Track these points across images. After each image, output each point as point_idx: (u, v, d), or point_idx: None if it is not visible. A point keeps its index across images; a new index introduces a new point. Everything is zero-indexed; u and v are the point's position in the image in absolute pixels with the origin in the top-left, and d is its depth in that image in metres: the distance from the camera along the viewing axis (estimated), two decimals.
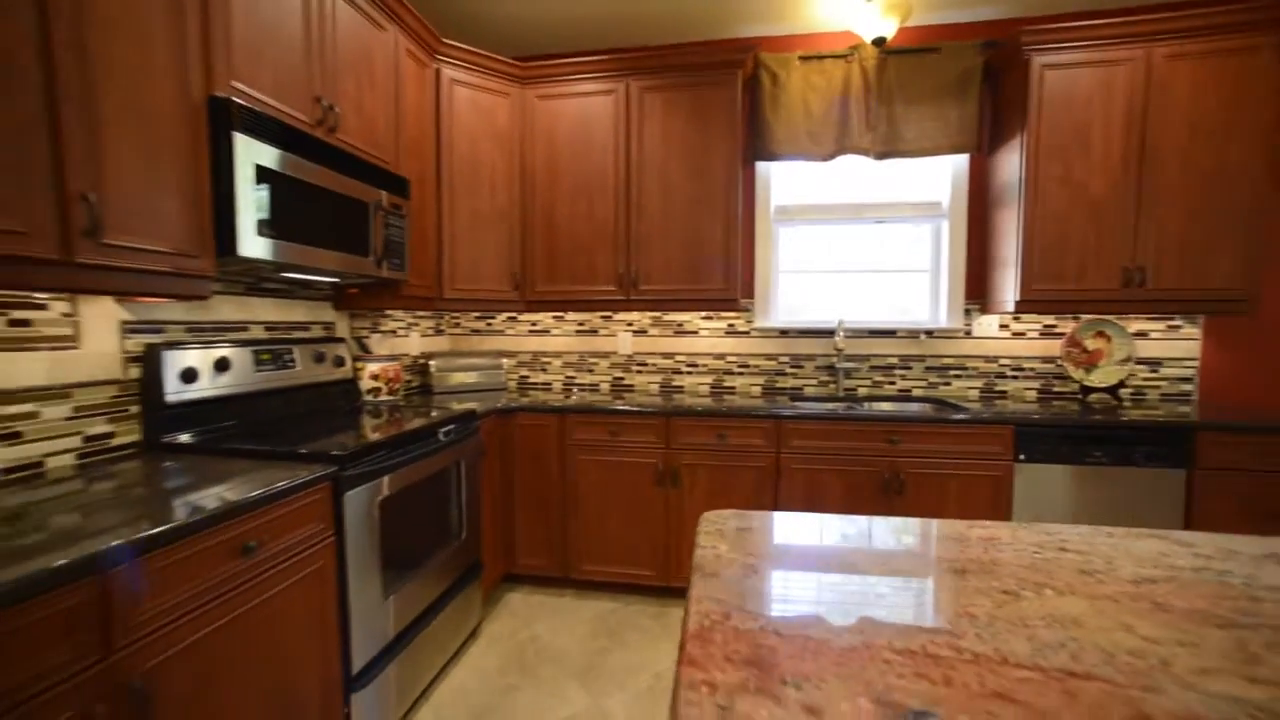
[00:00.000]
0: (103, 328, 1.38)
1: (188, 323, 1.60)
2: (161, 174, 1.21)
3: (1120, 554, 0.82)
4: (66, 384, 1.31)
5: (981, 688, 0.52)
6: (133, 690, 0.88)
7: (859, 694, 0.51)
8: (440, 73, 2.40)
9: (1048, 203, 2.29)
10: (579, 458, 2.41)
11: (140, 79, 1.17)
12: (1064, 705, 0.49)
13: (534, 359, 3.09)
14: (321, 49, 1.69)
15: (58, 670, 0.79)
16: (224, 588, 1.05)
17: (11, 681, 0.74)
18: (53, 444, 1.28)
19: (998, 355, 2.64)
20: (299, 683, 1.24)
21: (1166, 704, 0.49)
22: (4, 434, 1.19)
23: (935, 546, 0.86)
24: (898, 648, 0.58)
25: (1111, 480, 2.05)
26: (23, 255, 0.98)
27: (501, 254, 2.65)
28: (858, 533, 0.91)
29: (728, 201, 2.51)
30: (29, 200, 0.99)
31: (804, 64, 2.60)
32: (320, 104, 1.67)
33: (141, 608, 0.90)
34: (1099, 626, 0.62)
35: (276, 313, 1.93)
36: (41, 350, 1.26)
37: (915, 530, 0.93)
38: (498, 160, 2.60)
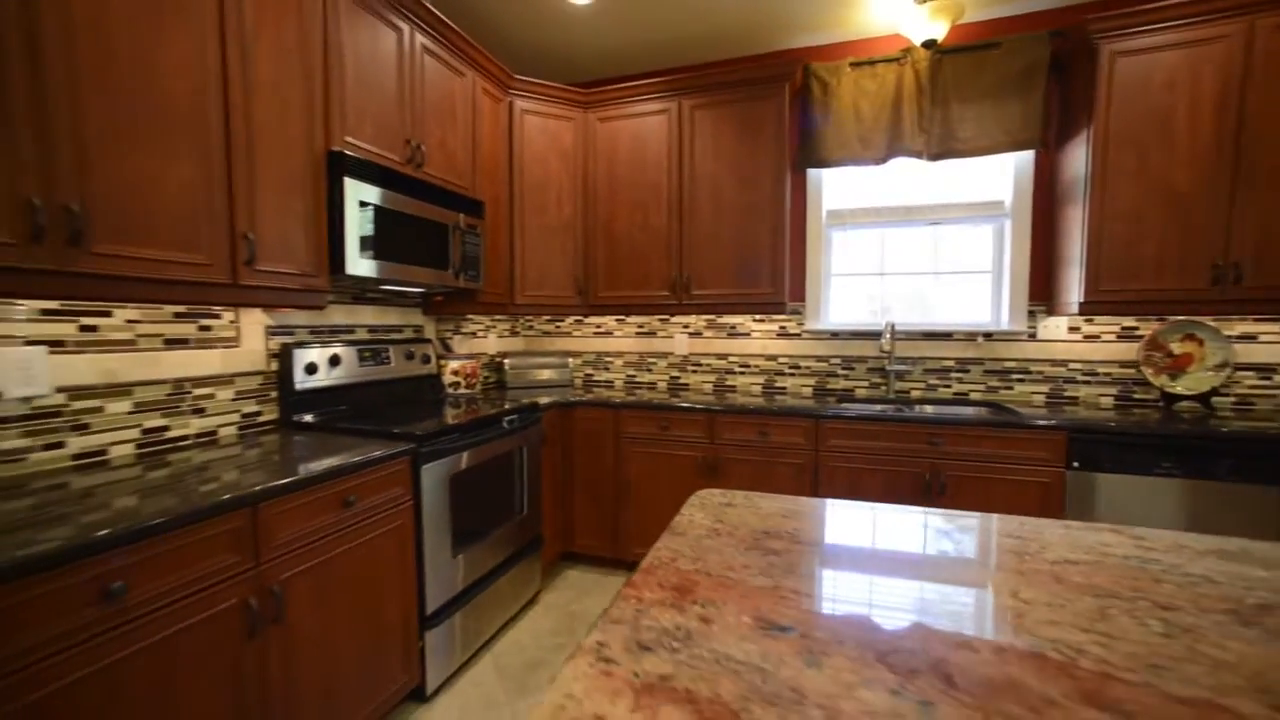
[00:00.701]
0: (254, 331, 1.80)
1: (311, 326, 2.02)
2: (293, 214, 1.58)
3: (1061, 541, 0.89)
4: (232, 373, 1.73)
5: (834, 617, 0.66)
6: (273, 592, 1.22)
7: (745, 613, 0.67)
8: (513, 104, 2.72)
9: (1118, 197, 2.17)
10: (631, 449, 2.63)
11: (282, 142, 1.55)
12: (896, 638, 0.63)
13: (598, 358, 3.35)
14: (411, 99, 2.04)
15: (227, 569, 1.13)
16: (331, 529, 1.38)
17: (200, 573, 1.08)
18: (223, 418, 1.71)
19: (1066, 359, 2.52)
20: (385, 612, 1.56)
21: (991, 639, 0.61)
22: (196, 409, 1.63)
23: (877, 531, 0.98)
24: (791, 588, 0.74)
25: (1186, 493, 1.92)
26: (207, 281, 1.36)
27: (566, 263, 2.94)
28: (817, 511, 1.04)
29: (775, 209, 2.61)
30: (212, 240, 1.37)
31: (855, 70, 2.64)
32: (409, 145, 2.03)
33: (277, 536, 1.24)
34: (991, 591, 0.73)
35: (376, 317, 2.34)
36: (217, 348, 1.69)
37: (863, 511, 1.04)
38: (563, 178, 2.89)
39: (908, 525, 0.98)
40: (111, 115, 1.18)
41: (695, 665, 0.57)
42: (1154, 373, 2.34)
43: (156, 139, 1.26)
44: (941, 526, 0.97)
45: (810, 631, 0.63)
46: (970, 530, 0.95)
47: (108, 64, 1.17)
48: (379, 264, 1.82)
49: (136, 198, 1.22)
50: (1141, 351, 2.36)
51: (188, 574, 1.07)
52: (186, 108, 1.31)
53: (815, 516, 1.02)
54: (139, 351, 1.50)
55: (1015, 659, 0.58)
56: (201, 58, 1.34)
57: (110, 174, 1.18)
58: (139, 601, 1.00)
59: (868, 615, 0.67)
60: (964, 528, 0.96)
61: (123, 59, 1.20)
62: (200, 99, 1.34)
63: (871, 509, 1.06)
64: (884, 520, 1.00)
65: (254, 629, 1.19)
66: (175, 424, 1.58)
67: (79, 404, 1.39)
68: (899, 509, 1.06)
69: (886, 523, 0.99)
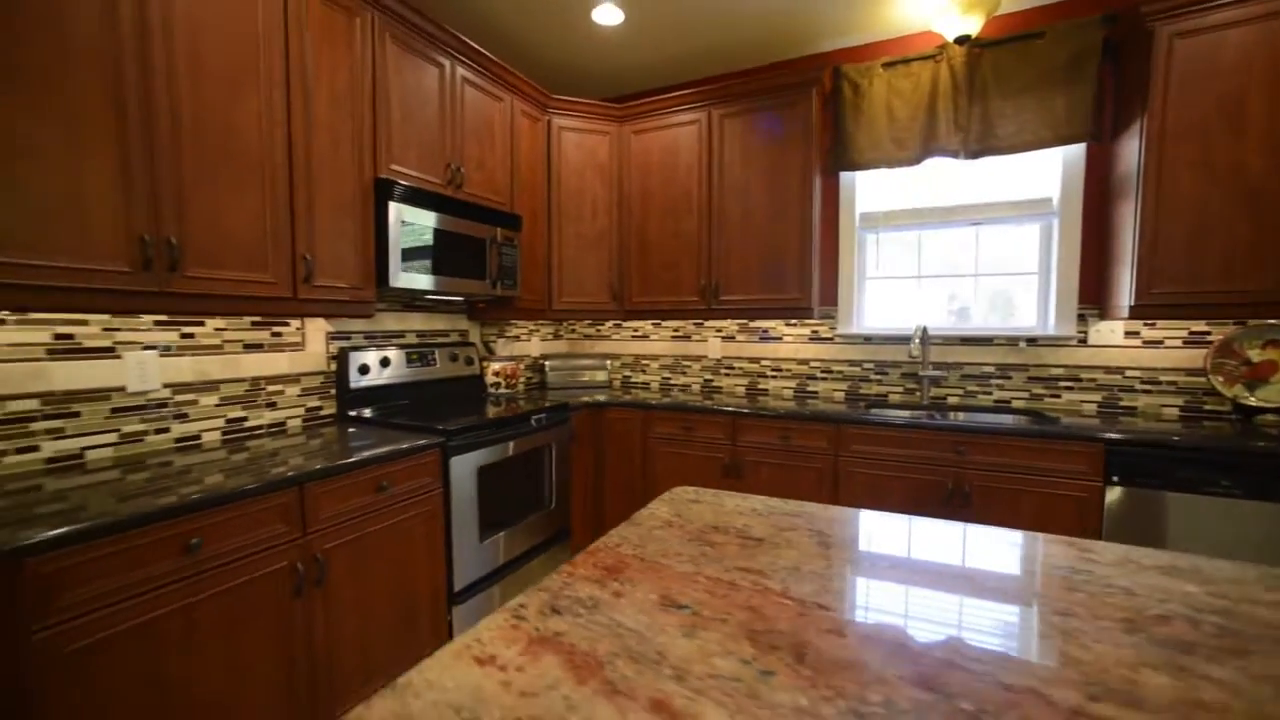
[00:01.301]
0: (317, 336, 2.08)
1: (365, 332, 2.29)
2: (344, 235, 1.83)
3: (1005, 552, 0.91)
4: (298, 373, 2.02)
5: (733, 601, 0.74)
6: (316, 559, 1.44)
7: (654, 591, 0.77)
8: (551, 122, 2.91)
9: (1178, 192, 2.01)
10: (658, 449, 2.73)
11: (335, 174, 1.80)
12: (774, 621, 0.70)
13: (635, 361, 3.48)
14: (452, 126, 2.26)
15: (279, 536, 1.36)
16: (367, 509, 1.60)
17: (257, 538, 1.32)
18: (290, 411, 2.00)
19: (1123, 366, 2.34)
20: (416, 586, 1.77)
21: (860, 623, 0.67)
22: (269, 404, 1.92)
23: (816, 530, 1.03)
24: (709, 575, 0.82)
25: (1250, 516, 1.75)
26: (273, 296, 1.62)
27: (602, 270, 3.09)
28: (773, 511, 1.11)
29: (802, 214, 2.62)
30: (277, 262, 1.63)
31: (888, 70, 2.60)
32: (450, 168, 2.25)
33: (320, 512, 1.46)
34: (880, 585, 0.78)
35: (424, 323, 2.59)
36: (286, 352, 1.98)
37: (814, 510, 1.09)
38: (599, 190, 3.04)
39: (847, 523, 1.02)
40: (200, 164, 1.45)
41: (589, 628, 0.67)
42: (1226, 382, 2.14)
43: (233, 180, 1.52)
44: (881, 525, 1.01)
45: (702, 611, 0.72)
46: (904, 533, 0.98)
47: (200, 125, 1.44)
48: (420, 277, 2.05)
49: (218, 229, 1.49)
50: (1211, 359, 2.16)
51: (248, 537, 1.31)
52: (257, 152, 1.57)
53: (767, 516, 1.08)
54: (225, 355, 1.80)
55: (875, 644, 0.64)
56: (269, 110, 1.60)
57: (198, 212, 1.45)
58: (210, 555, 1.24)
59: (762, 602, 0.74)
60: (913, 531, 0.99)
61: (211, 119, 1.46)
62: (268, 144, 1.60)
63: (821, 510, 1.11)
64: (824, 518, 1.05)
65: (300, 589, 1.41)
66: (252, 415, 1.88)
67: (180, 397, 1.70)
68: (844, 511, 1.10)
69: (826, 521, 1.04)
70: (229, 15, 1.50)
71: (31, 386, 1.40)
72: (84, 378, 1.49)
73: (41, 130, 1.18)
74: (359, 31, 1.86)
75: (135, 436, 1.60)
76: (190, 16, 1.42)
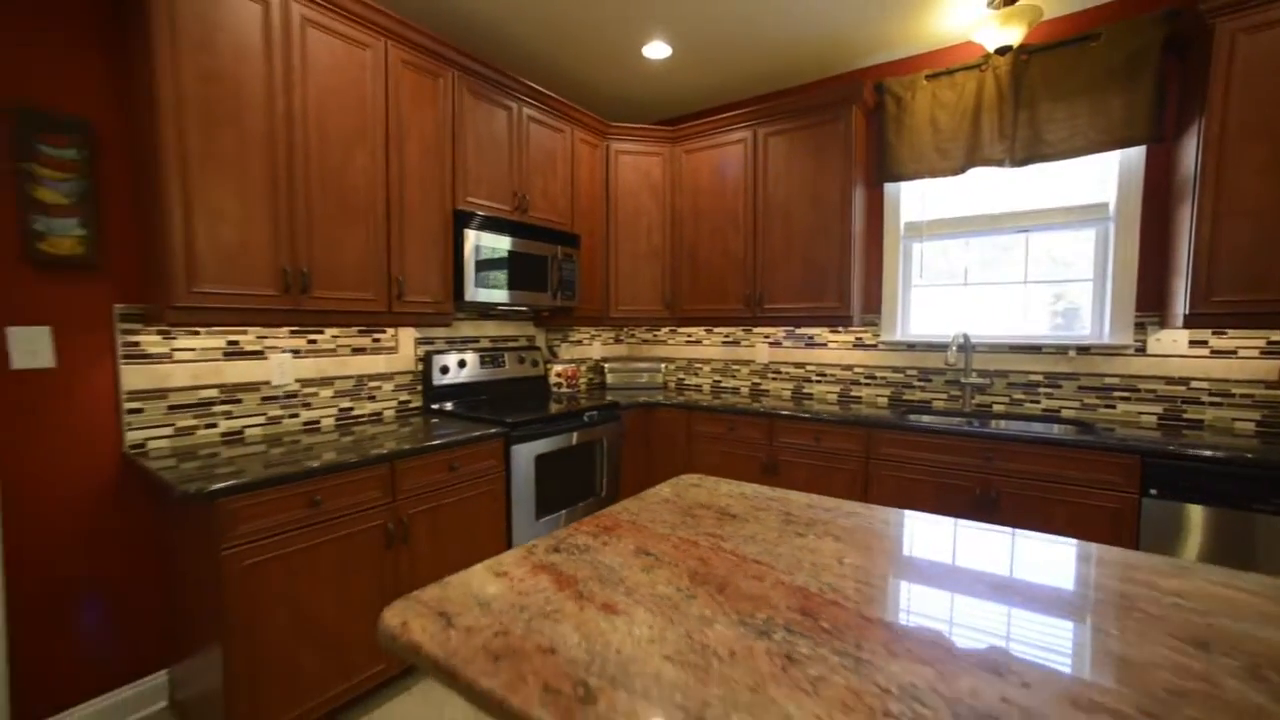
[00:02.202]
0: (408, 341, 2.51)
1: (446, 337, 2.70)
2: (429, 259, 2.22)
3: (924, 530, 1.06)
4: (393, 372, 2.45)
5: (690, 554, 0.96)
6: (402, 521, 1.81)
7: (633, 544, 1.01)
8: (609, 147, 3.20)
9: (1241, 195, 1.93)
10: (702, 447, 2.94)
11: (422, 208, 2.19)
12: (714, 567, 0.92)
13: (689, 365, 3.70)
14: (519, 159, 2.62)
15: (375, 500, 1.74)
16: (442, 485, 1.95)
17: (359, 500, 1.70)
18: (386, 403, 2.43)
19: (1188, 377, 2.24)
20: (480, 552, 2.12)
21: (785, 575, 0.87)
22: (370, 396, 2.36)
23: (783, 511, 1.21)
24: (680, 536, 1.05)
25: None
26: (375, 310, 2.03)
27: (655, 280, 3.34)
28: (755, 495, 1.30)
29: (841, 226, 2.73)
30: (377, 282, 2.04)
31: (931, 81, 2.64)
32: (516, 196, 2.60)
33: (405, 484, 1.83)
34: (830, 553, 0.97)
35: (496, 330, 2.98)
36: (383, 354, 2.41)
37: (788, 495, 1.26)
38: (653, 207, 3.30)
39: (814, 507, 1.20)
40: (323, 211, 1.87)
41: (576, 562, 0.93)
42: None
43: (346, 220, 1.94)
44: (829, 507, 1.17)
45: (663, 558, 0.95)
46: (853, 515, 1.14)
47: (324, 181, 1.86)
48: (490, 291, 2.41)
49: (335, 259, 1.91)
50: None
51: (353, 499, 1.69)
52: (364, 197, 1.98)
53: (751, 499, 1.28)
54: (338, 357, 2.25)
55: (783, 588, 0.84)
56: (373, 162, 2.01)
57: (321, 247, 1.87)
58: (328, 510, 1.63)
59: (711, 556, 0.96)
60: (879, 518, 1.15)
61: (331, 176, 1.89)
62: (372, 189, 2.01)
63: (799, 496, 1.28)
64: (798, 503, 1.23)
65: (390, 543, 1.79)
66: (357, 406, 2.32)
67: (305, 390, 2.15)
68: (818, 498, 1.27)
69: (799, 506, 1.22)
70: (346, 91, 1.92)
71: (213, 379, 1.89)
72: (244, 374, 1.97)
73: (228, 199, 1.63)
74: (443, 89, 2.25)
75: (275, 419, 2.07)
76: (320, 99, 1.84)
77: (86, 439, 1.66)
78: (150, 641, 1.80)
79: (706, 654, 0.66)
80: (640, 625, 0.73)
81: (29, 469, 1.56)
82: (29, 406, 1.56)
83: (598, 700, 0.58)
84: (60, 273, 1.60)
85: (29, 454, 1.56)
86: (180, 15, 1.55)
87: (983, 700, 0.58)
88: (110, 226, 1.69)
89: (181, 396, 1.84)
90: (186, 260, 1.57)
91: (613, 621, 0.74)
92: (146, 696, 1.78)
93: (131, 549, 1.75)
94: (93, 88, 1.65)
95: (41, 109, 1.55)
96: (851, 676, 0.62)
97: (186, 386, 1.84)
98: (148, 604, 1.79)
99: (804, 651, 0.67)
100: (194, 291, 1.59)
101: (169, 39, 1.53)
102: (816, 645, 0.68)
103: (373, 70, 2.00)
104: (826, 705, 0.57)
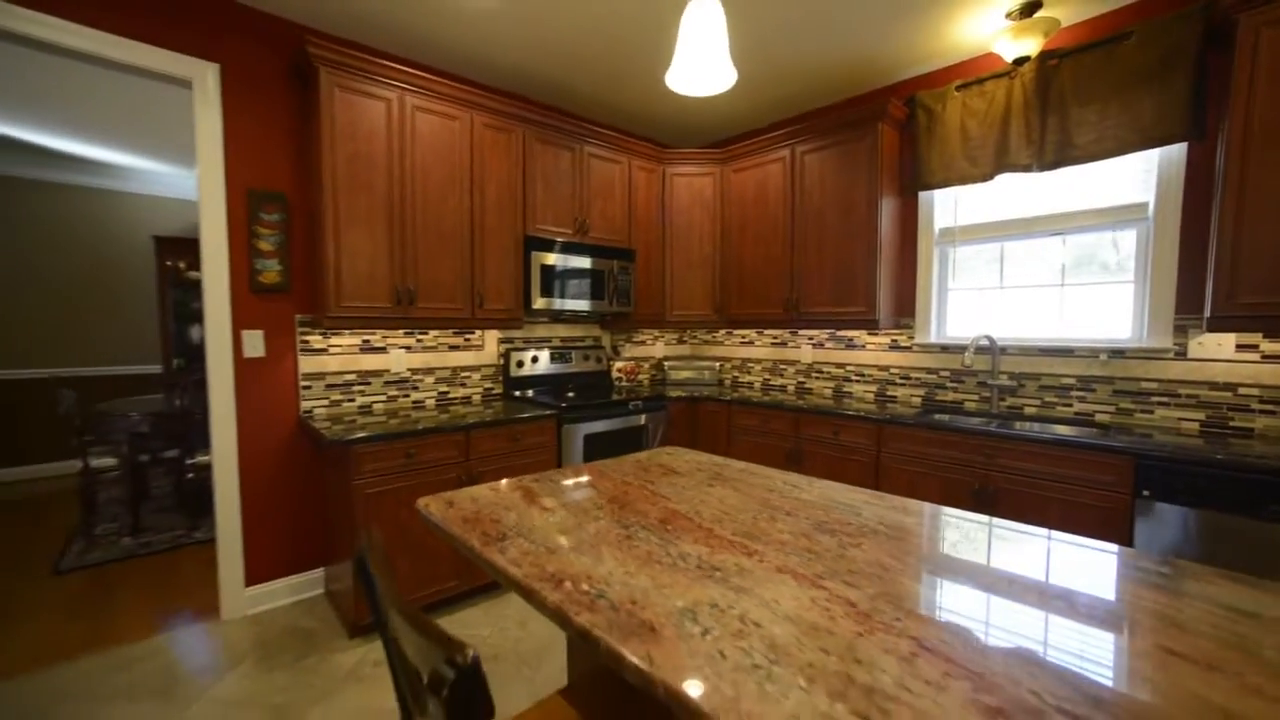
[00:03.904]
0: (492, 340, 3.16)
1: (524, 338, 3.32)
2: (503, 276, 2.83)
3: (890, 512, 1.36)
4: (479, 365, 3.11)
5: (625, 493, 1.39)
6: (473, 476, 2.41)
7: (591, 485, 1.45)
8: (665, 171, 3.63)
9: (1265, 195, 1.87)
10: (739, 437, 3.26)
11: (499, 236, 2.80)
12: (639, 497, 1.33)
13: (742, 364, 4.01)
14: (580, 189, 3.15)
15: (453, 458, 2.36)
16: (506, 452, 2.53)
17: (442, 457, 2.32)
18: (474, 390, 3.09)
19: (1235, 383, 2.15)
20: None
21: (695, 520, 1.27)
22: (461, 383, 3.03)
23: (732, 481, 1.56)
24: (626, 481, 1.47)
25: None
26: (462, 316, 2.67)
27: (706, 287, 3.71)
28: (711, 462, 1.66)
29: (868, 235, 2.90)
30: (463, 295, 2.68)
31: (962, 92, 2.72)
32: (577, 220, 3.14)
33: (477, 449, 2.43)
34: (720, 496, 1.34)
35: (567, 331, 3.55)
36: (472, 350, 3.08)
37: (722, 462, 1.60)
38: (704, 221, 3.67)
39: (743, 469, 1.54)
40: (425, 244, 2.54)
41: (545, 488, 1.39)
42: None
43: (440, 250, 2.59)
44: (755, 471, 1.50)
45: (601, 490, 1.38)
46: (765, 477, 1.47)
47: (425, 222, 2.53)
48: (553, 300, 2.97)
49: (432, 279, 2.57)
50: None
51: (437, 456, 2.32)
52: (454, 230, 2.63)
53: (704, 465, 1.65)
54: (438, 352, 2.94)
55: (663, 509, 1.23)
56: (461, 203, 2.65)
57: (423, 270, 2.54)
58: (419, 461, 2.26)
59: (638, 496, 1.37)
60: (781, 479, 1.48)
61: (430, 217, 2.55)
62: (459, 223, 2.65)
63: (739, 464, 1.62)
64: (735, 468, 1.57)
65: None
66: (452, 390, 3.00)
67: (414, 377, 2.87)
68: (751, 465, 1.60)
69: (734, 470, 1.57)
70: (442, 152, 2.57)
71: (353, 367, 2.64)
72: (372, 364, 2.71)
73: (362, 242, 2.35)
74: (514, 141, 2.84)
75: (393, 398, 2.79)
76: (423, 161, 2.51)
77: (279, 404, 2.47)
78: (313, 545, 2.59)
79: (582, 531, 1.09)
80: (554, 516, 1.18)
81: (252, 420, 2.39)
82: (252, 380, 2.39)
83: (506, 539, 1.04)
84: (268, 295, 2.42)
85: (252, 411, 2.39)
86: (337, 115, 2.27)
87: (725, 561, 0.95)
88: (295, 264, 2.48)
89: (333, 379, 2.61)
90: (335, 285, 2.30)
91: (540, 513, 1.19)
92: (311, 583, 2.58)
93: (303, 479, 2.55)
94: (288, 171, 2.45)
95: (261, 189, 2.37)
96: (657, 548, 1.01)
97: (336, 371, 2.61)
98: (311, 518, 2.58)
99: (642, 537, 1.07)
100: (340, 305, 2.31)
101: (329, 132, 2.26)
102: (652, 535, 1.08)
103: (460, 134, 2.64)
104: (630, 556, 0.98)
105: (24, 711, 1.76)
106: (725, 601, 0.81)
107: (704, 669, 0.65)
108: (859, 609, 0.79)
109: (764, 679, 0.63)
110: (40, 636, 2.21)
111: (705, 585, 0.86)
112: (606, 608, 0.79)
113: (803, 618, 0.76)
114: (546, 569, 0.92)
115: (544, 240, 2.93)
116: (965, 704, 0.59)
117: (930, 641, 0.71)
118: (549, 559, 0.96)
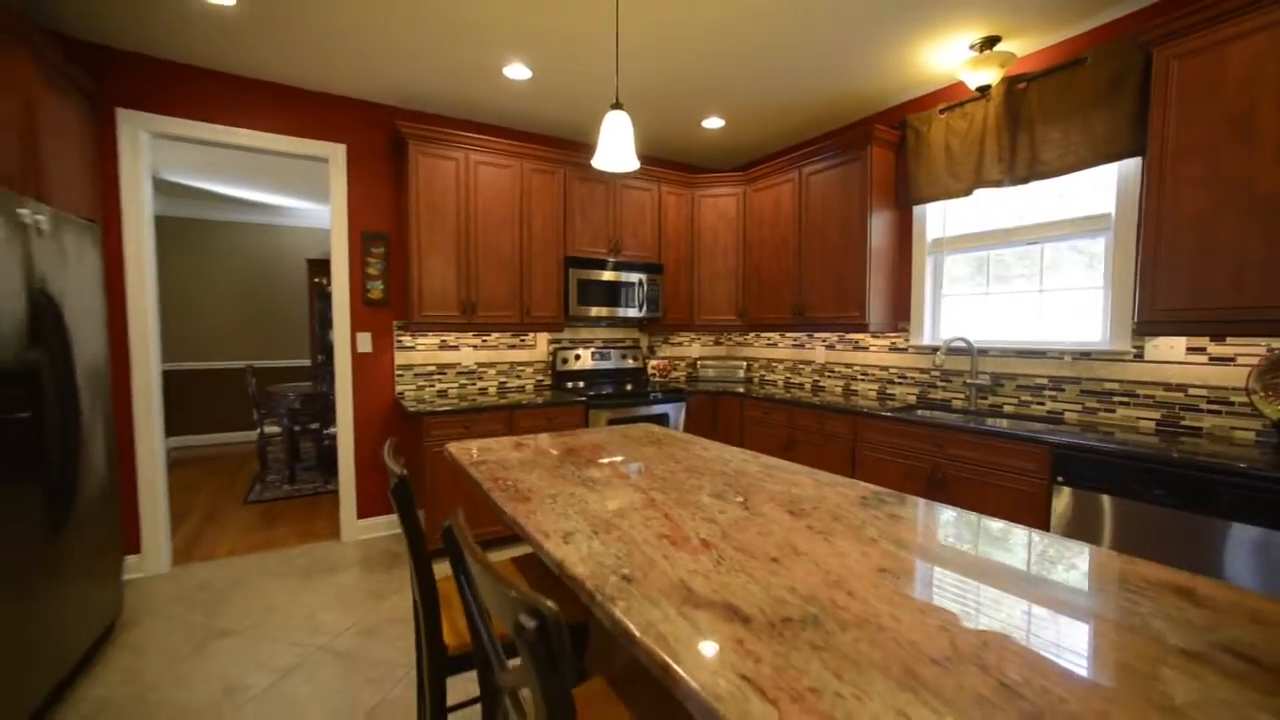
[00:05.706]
0: (542, 341, 3.87)
1: (569, 339, 4.00)
2: (547, 289, 3.52)
3: (835, 495, 1.85)
4: (531, 361, 3.83)
5: (577, 454, 1.97)
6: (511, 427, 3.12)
7: (566, 443, 2.05)
8: (694, 194, 4.14)
9: (1182, 209, 2.03)
10: (751, 426, 3.68)
11: (543, 258, 3.49)
12: (599, 454, 1.91)
13: (767, 363, 4.40)
14: (613, 214, 3.76)
15: (498, 431, 3.07)
16: (541, 429, 3.21)
17: (490, 430, 3.05)
18: (528, 382, 3.82)
19: (1185, 384, 2.26)
20: None
21: (618, 462, 1.83)
22: (516, 376, 3.77)
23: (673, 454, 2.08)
24: (587, 443, 2.05)
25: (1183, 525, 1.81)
26: (514, 322, 3.40)
27: (730, 294, 4.16)
28: (665, 435, 2.18)
29: (859, 247, 3.22)
30: (514, 305, 3.40)
31: (946, 114, 2.97)
32: (610, 241, 3.76)
33: (520, 425, 3.13)
34: (663, 458, 1.87)
35: (607, 334, 4.19)
36: (526, 349, 3.81)
37: (662, 434, 2.11)
38: (728, 235, 4.13)
39: (680, 440, 2.04)
40: (485, 267, 3.29)
41: (535, 444, 2.01)
42: (1269, 399, 1.96)
43: (496, 270, 3.33)
44: (707, 445, 1.99)
45: (577, 448, 1.97)
46: (709, 449, 1.96)
47: (486, 249, 3.29)
48: (589, 308, 3.61)
49: (490, 293, 3.32)
50: (1257, 378, 2.00)
51: (486, 429, 3.04)
52: (508, 255, 3.36)
53: (673, 437, 2.18)
54: (499, 350, 3.71)
55: (609, 464, 1.79)
56: (514, 233, 3.38)
57: (483, 287, 3.29)
58: (474, 431, 3.00)
59: (599, 451, 1.94)
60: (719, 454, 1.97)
61: (489, 246, 3.30)
62: (512, 250, 3.38)
63: (680, 436, 2.13)
64: (676, 439, 2.08)
65: None
66: (510, 381, 3.75)
67: (479, 369, 3.65)
68: (691, 438, 2.10)
69: (674, 442, 2.07)
70: (498, 195, 3.31)
71: (432, 361, 3.48)
72: (447, 358, 3.53)
73: (437, 265, 3.15)
74: (557, 180, 3.52)
75: (463, 386, 3.59)
76: (484, 203, 3.27)
77: (381, 388, 3.34)
78: None
79: (533, 462, 1.69)
80: (522, 454, 1.79)
81: (363, 399, 3.29)
82: (363, 371, 3.29)
83: (486, 463, 1.67)
84: (374, 307, 3.31)
85: (363, 392, 3.29)
86: (420, 173, 3.08)
87: (599, 476, 1.50)
88: (392, 283, 3.35)
89: (419, 369, 3.45)
90: (419, 298, 3.11)
91: (515, 452, 1.81)
92: (394, 524, 3.44)
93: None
94: (389, 215, 3.32)
95: (371, 229, 3.26)
96: (568, 471, 1.59)
97: (421, 364, 3.45)
98: None
99: (565, 467, 1.65)
100: (422, 314, 3.12)
101: (415, 186, 3.08)
102: (571, 465, 1.65)
103: (512, 179, 3.36)
104: (547, 473, 1.56)
105: (226, 579, 2.73)
106: (579, 494, 1.37)
107: (541, 515, 1.22)
108: (655, 502, 1.31)
109: (565, 519, 1.19)
110: (235, 539, 3.27)
111: (575, 486, 1.43)
112: (511, 489, 1.38)
113: (617, 507, 1.30)
114: (495, 475, 1.53)
115: (581, 260, 3.58)
116: (658, 537, 1.11)
117: (665, 505, 1.22)
118: (500, 471, 1.57)
